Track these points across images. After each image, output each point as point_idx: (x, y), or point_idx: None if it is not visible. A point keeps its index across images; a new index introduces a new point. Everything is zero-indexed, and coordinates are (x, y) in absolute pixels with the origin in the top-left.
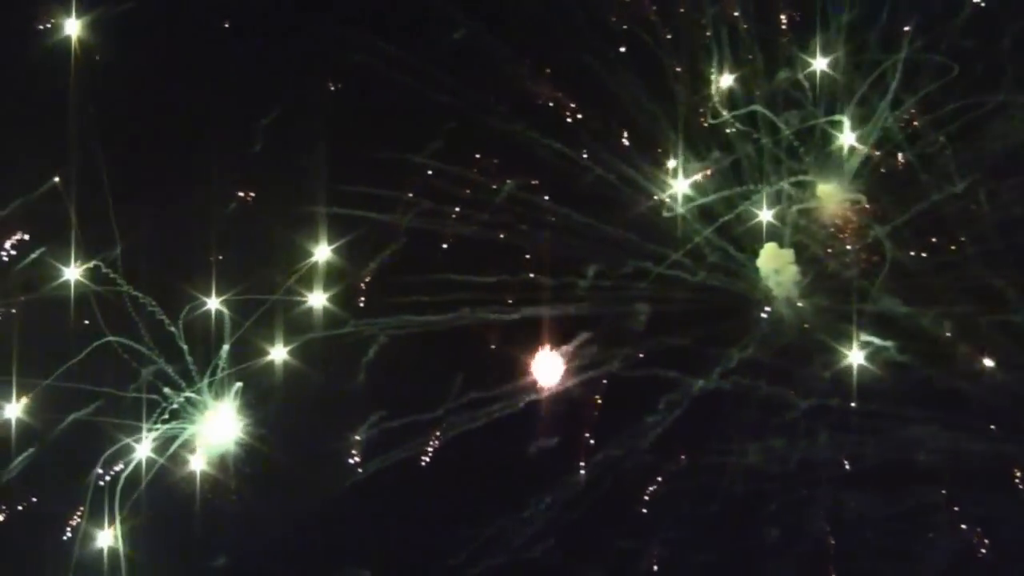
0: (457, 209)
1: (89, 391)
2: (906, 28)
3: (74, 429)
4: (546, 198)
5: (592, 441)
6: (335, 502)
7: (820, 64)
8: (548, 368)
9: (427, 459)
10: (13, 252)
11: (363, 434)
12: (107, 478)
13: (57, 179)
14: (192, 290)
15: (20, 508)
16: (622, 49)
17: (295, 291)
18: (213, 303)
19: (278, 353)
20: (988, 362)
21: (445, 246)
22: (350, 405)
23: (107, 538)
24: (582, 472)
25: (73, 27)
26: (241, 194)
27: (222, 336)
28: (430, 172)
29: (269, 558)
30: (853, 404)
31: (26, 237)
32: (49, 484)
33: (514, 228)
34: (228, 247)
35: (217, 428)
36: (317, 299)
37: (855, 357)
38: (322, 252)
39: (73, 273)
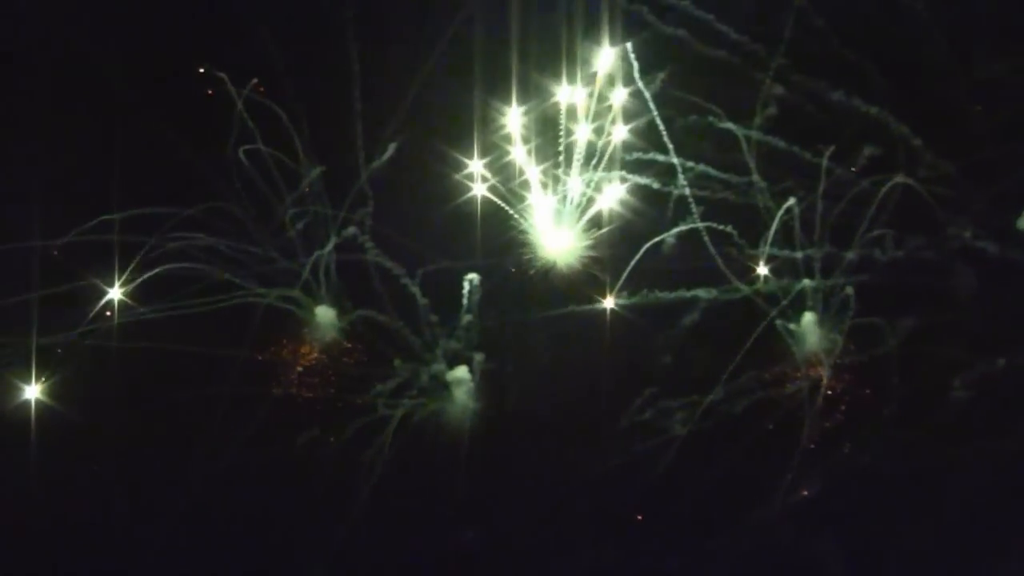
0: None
1: None
2: None
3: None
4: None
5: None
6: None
7: None
8: (825, 344)
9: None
10: None
11: (634, 415)
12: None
13: None
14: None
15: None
16: None
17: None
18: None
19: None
20: None
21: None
22: (622, 380)
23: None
24: (860, 455)
25: None
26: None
27: (468, 305)
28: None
29: (528, 530)
30: None
31: None
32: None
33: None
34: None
35: (460, 400)
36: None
37: None
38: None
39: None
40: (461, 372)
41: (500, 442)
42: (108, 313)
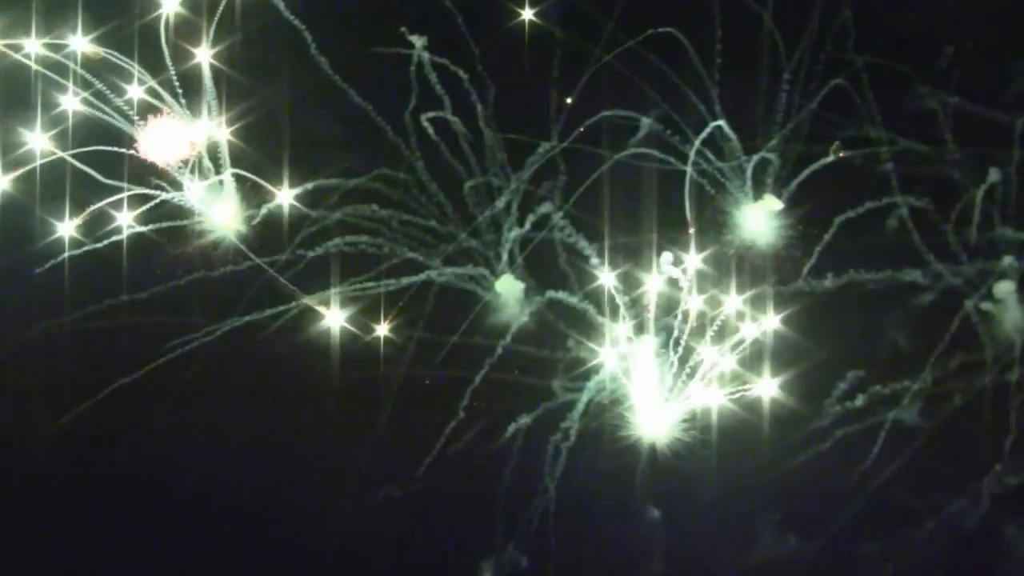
0: None
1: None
2: None
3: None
4: None
5: None
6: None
7: None
8: None
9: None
10: None
11: (841, 400)
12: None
13: None
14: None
15: None
16: None
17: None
18: None
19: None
20: None
21: None
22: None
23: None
24: None
25: None
26: None
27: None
28: None
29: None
30: None
31: None
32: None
33: None
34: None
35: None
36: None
37: None
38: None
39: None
40: (647, 354)
41: (690, 426)
42: None
